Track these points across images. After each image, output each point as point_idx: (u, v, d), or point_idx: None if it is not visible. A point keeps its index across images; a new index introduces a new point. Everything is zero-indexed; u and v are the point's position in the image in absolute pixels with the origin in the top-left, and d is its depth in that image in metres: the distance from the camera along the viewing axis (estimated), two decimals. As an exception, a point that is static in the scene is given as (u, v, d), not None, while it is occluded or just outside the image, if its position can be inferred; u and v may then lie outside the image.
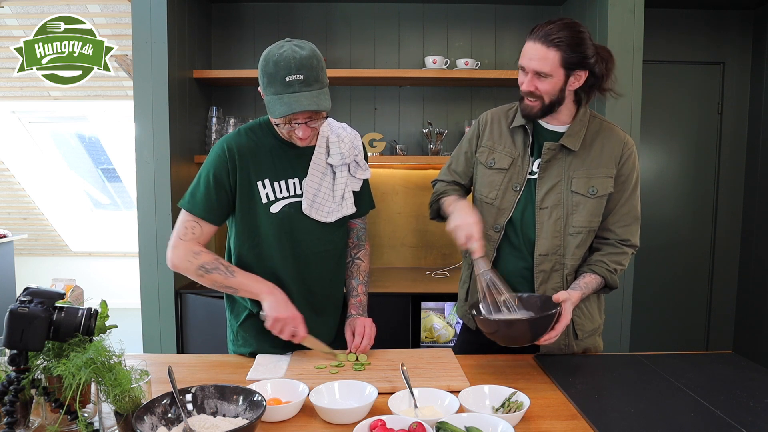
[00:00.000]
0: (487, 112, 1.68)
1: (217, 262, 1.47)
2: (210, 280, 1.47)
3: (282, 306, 1.46)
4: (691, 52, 3.28)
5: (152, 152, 2.58)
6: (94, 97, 4.55)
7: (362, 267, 1.67)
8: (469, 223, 1.45)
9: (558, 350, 1.58)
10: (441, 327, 2.65)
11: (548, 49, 1.39)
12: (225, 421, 1.09)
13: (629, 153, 1.53)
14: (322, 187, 1.52)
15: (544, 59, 1.39)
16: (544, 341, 1.38)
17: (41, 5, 3.73)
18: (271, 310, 1.45)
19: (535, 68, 1.41)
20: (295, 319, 1.46)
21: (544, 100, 1.46)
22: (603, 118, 1.58)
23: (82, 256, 5.91)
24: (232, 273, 1.47)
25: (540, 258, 1.53)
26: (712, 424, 1.12)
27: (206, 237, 1.51)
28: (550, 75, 1.41)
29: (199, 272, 1.46)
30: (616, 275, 1.53)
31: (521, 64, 1.45)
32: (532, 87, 1.44)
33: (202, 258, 1.47)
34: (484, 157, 1.62)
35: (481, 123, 1.67)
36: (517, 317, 1.39)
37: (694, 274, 3.43)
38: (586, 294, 1.50)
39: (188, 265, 1.47)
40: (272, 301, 1.46)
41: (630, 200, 1.55)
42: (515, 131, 1.59)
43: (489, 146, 1.62)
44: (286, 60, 1.32)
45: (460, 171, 1.70)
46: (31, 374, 1.04)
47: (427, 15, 3.14)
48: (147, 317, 2.65)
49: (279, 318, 1.44)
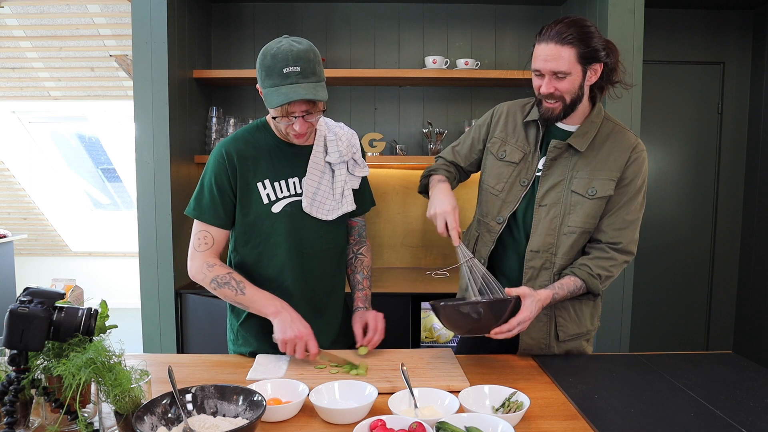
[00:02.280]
0: (503, 104, 1.67)
1: (230, 277, 1.48)
2: (222, 294, 1.49)
3: (288, 326, 1.43)
4: (691, 52, 3.28)
5: (152, 152, 2.58)
6: (94, 97, 4.55)
7: (365, 262, 1.67)
8: (446, 210, 1.46)
9: (538, 349, 1.57)
10: (441, 327, 2.65)
11: (562, 47, 1.38)
12: (225, 421, 1.09)
13: (636, 157, 1.49)
14: (322, 185, 1.53)
15: (561, 58, 1.39)
16: (497, 334, 1.35)
17: (41, 5, 3.73)
18: (278, 332, 1.44)
19: (553, 68, 1.40)
20: (303, 337, 1.43)
21: (565, 99, 1.45)
22: (617, 122, 1.55)
23: (82, 256, 5.91)
24: (242, 290, 1.47)
25: (531, 254, 1.52)
26: (712, 424, 1.12)
27: (219, 244, 1.52)
28: (569, 73, 1.40)
29: (212, 285, 1.49)
30: (600, 281, 1.49)
31: (536, 68, 1.43)
32: (551, 88, 1.43)
33: (216, 271, 1.48)
34: (495, 148, 1.61)
35: (496, 114, 1.66)
36: (467, 302, 1.36)
37: (694, 274, 3.43)
38: (559, 295, 1.46)
39: (203, 277, 1.49)
40: (279, 321, 1.44)
41: (629, 204, 1.50)
42: (529, 126, 1.58)
43: (502, 138, 1.61)
44: (284, 53, 1.33)
45: (463, 154, 1.70)
46: (31, 374, 1.04)
47: (427, 15, 3.14)
48: (147, 317, 2.65)
49: (287, 340, 1.43)
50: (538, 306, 1.40)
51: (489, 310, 1.32)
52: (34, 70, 4.28)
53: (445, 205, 1.47)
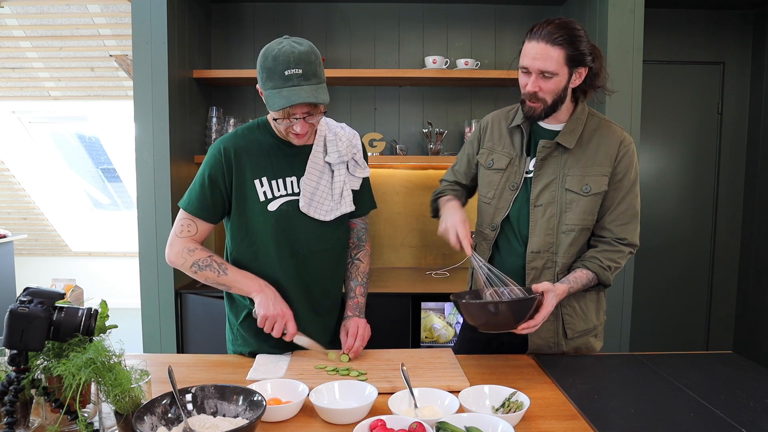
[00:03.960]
0: (488, 115, 1.70)
1: (210, 260, 1.49)
2: (203, 277, 1.49)
3: (271, 303, 1.46)
4: (691, 52, 3.28)
5: (152, 152, 2.58)
6: (94, 97, 4.55)
7: (361, 268, 1.67)
8: (456, 223, 1.49)
9: (547, 348, 1.58)
10: (441, 327, 2.65)
11: (552, 47, 1.39)
12: (225, 421, 1.09)
13: (626, 150, 1.52)
14: (320, 186, 1.53)
15: (549, 58, 1.40)
16: (523, 330, 1.37)
17: (41, 5, 3.73)
18: (260, 307, 1.46)
19: (540, 67, 1.41)
20: (284, 315, 1.46)
21: (547, 101, 1.46)
22: (602, 116, 1.57)
23: (82, 256, 5.91)
24: (225, 270, 1.49)
25: (532, 255, 1.53)
26: (712, 424, 1.12)
27: (202, 235, 1.53)
28: (556, 73, 1.41)
29: (193, 269, 1.49)
30: (610, 272, 1.52)
31: (524, 65, 1.44)
32: (536, 87, 1.44)
33: (196, 255, 1.49)
34: (484, 159, 1.64)
35: (482, 126, 1.69)
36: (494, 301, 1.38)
37: (694, 274, 3.43)
38: (574, 288, 1.48)
39: (183, 261, 1.49)
40: (262, 298, 1.47)
41: (627, 198, 1.53)
42: (513, 131, 1.60)
43: (489, 147, 1.64)
44: (285, 55, 1.33)
45: (462, 172, 1.74)
46: (31, 374, 1.04)
47: (427, 15, 3.14)
48: (147, 317, 2.65)
49: (267, 315, 1.45)
50: (556, 300, 1.42)
51: (516, 308, 1.34)
52: (34, 70, 4.28)
53: (455, 218, 1.50)
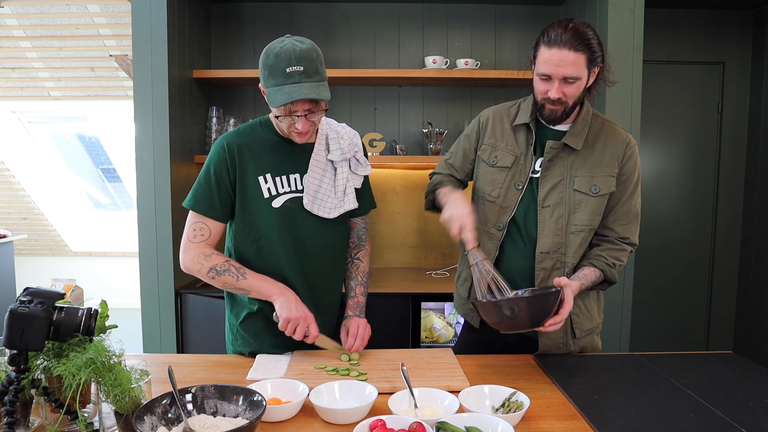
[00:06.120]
0: (488, 110, 1.68)
1: (228, 264, 1.48)
2: (221, 282, 1.49)
3: (293, 306, 1.46)
4: (691, 52, 3.28)
5: (152, 152, 2.58)
6: (94, 97, 4.55)
7: (361, 267, 1.67)
8: (461, 214, 1.46)
9: (556, 348, 1.58)
10: (441, 327, 2.65)
11: (576, 53, 1.38)
12: (225, 421, 1.09)
13: (631, 152, 1.54)
14: (323, 183, 1.53)
15: (573, 64, 1.39)
16: (549, 326, 1.35)
17: (41, 5, 3.73)
18: (282, 310, 1.45)
19: (566, 74, 1.40)
20: (307, 318, 1.46)
21: (569, 104, 1.46)
22: (606, 118, 1.58)
23: (82, 256, 5.91)
24: (243, 275, 1.48)
25: (541, 256, 1.53)
26: (712, 424, 1.12)
27: (215, 237, 1.52)
28: (579, 78, 1.41)
29: (210, 274, 1.48)
30: (615, 270, 1.54)
31: (546, 72, 1.42)
32: (560, 94, 1.43)
33: (213, 260, 1.48)
34: (486, 155, 1.62)
35: (482, 120, 1.67)
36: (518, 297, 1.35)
37: (694, 274, 3.43)
38: (585, 285, 1.49)
39: (199, 267, 1.48)
40: (283, 301, 1.46)
41: (630, 199, 1.55)
42: (518, 129, 1.59)
43: (491, 144, 1.62)
44: (287, 52, 1.34)
45: (457, 166, 1.71)
46: (31, 374, 1.04)
47: (427, 15, 3.14)
48: (147, 317, 2.65)
49: (290, 318, 1.45)
50: (572, 296, 1.42)
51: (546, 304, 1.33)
52: (34, 70, 4.28)
53: (460, 209, 1.47)
